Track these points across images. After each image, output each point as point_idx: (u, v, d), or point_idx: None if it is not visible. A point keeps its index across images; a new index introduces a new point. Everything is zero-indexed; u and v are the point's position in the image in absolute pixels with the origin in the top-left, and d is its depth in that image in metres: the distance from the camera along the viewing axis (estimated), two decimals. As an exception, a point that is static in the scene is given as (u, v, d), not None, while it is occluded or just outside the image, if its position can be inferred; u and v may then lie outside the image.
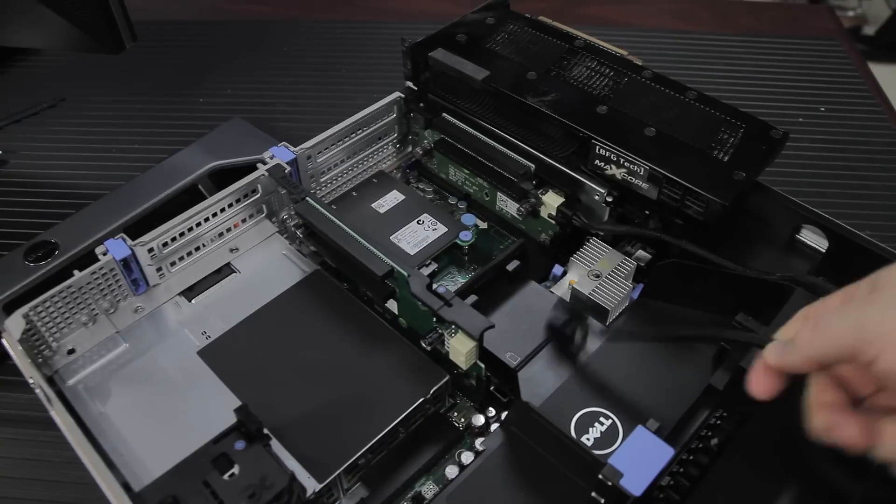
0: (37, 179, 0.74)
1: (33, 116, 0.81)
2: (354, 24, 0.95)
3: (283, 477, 0.38)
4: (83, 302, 0.49)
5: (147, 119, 0.80)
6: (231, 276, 0.54)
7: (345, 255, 0.49)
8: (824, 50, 0.88)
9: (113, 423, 0.45)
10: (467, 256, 0.58)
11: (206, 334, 0.50)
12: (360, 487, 0.45)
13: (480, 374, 0.46)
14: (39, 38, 0.68)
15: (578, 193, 0.54)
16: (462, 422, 0.48)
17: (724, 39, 0.90)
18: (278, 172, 0.54)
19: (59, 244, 0.57)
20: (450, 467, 0.45)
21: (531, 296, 0.50)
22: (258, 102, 0.82)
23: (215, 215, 0.54)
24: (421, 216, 0.59)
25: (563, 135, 0.52)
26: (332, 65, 0.88)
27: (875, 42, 2.00)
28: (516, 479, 0.41)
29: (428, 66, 0.59)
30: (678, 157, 0.48)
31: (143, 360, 0.49)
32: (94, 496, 0.41)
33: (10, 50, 0.89)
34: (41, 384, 0.43)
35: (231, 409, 0.40)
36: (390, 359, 0.48)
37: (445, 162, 0.62)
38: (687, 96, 0.52)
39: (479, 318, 0.44)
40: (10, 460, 0.52)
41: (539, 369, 0.45)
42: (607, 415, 0.43)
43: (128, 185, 0.64)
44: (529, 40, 0.59)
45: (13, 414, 0.54)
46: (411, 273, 0.46)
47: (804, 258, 0.50)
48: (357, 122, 0.59)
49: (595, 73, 0.55)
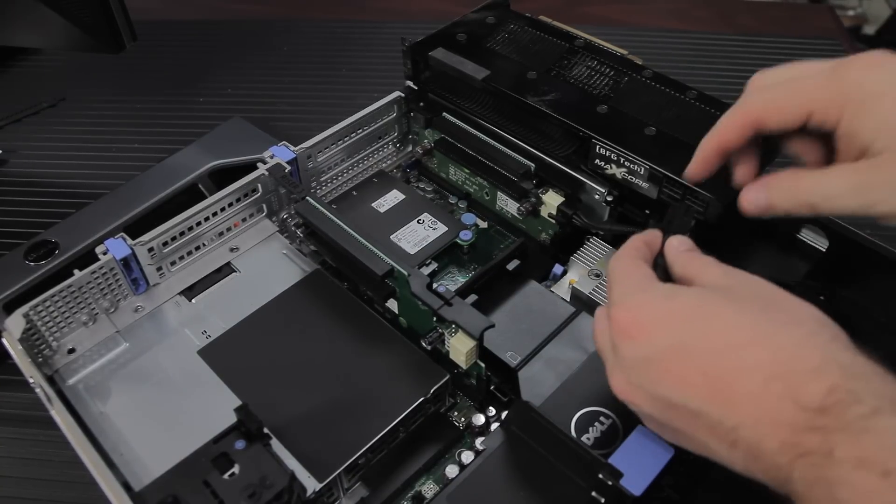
0: (37, 179, 0.74)
1: (33, 116, 0.81)
2: (354, 24, 0.95)
3: (284, 476, 0.38)
4: (83, 301, 0.49)
5: (147, 119, 0.80)
6: (231, 276, 0.54)
7: (345, 255, 0.49)
8: (824, 49, 0.88)
9: (113, 423, 0.45)
10: (467, 256, 0.58)
11: (207, 334, 0.50)
12: (360, 487, 0.45)
13: (480, 373, 0.46)
14: (39, 37, 0.68)
15: (579, 193, 0.54)
16: (462, 421, 0.48)
17: (724, 39, 0.90)
18: (278, 172, 0.54)
19: (60, 244, 0.57)
20: (450, 467, 0.45)
21: (531, 295, 0.50)
22: (258, 102, 0.82)
23: (215, 215, 0.54)
24: (421, 215, 0.59)
25: (564, 134, 0.52)
26: (332, 65, 0.88)
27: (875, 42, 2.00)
28: (516, 478, 0.41)
29: (428, 65, 0.59)
30: (678, 157, 0.48)
31: (144, 359, 0.49)
32: (94, 496, 0.41)
33: (10, 50, 0.89)
34: (41, 384, 0.43)
35: (231, 409, 0.40)
36: (390, 358, 0.48)
37: (445, 161, 0.62)
38: (687, 96, 0.52)
39: (480, 317, 0.44)
40: (10, 459, 0.52)
41: (539, 369, 0.45)
42: (607, 415, 0.43)
43: (128, 184, 0.64)
44: (530, 40, 0.59)
45: (13, 413, 0.54)
46: (411, 272, 0.46)
47: (804, 258, 0.50)
48: (357, 121, 0.59)
49: (595, 73, 0.55)
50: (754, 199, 0.36)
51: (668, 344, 0.32)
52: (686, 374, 0.31)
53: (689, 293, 0.34)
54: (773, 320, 0.31)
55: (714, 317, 0.32)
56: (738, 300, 0.32)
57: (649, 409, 0.34)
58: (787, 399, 0.28)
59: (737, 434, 0.30)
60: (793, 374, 0.29)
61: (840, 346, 0.30)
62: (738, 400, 0.30)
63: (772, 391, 0.29)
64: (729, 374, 0.30)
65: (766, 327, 0.31)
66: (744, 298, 0.32)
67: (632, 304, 0.34)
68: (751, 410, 0.29)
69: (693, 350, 0.31)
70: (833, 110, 0.33)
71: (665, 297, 0.34)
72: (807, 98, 0.34)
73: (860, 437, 0.27)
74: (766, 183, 0.36)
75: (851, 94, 0.33)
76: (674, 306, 0.33)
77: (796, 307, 0.32)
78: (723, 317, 0.32)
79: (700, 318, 0.32)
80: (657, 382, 0.33)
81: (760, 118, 0.36)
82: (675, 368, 0.32)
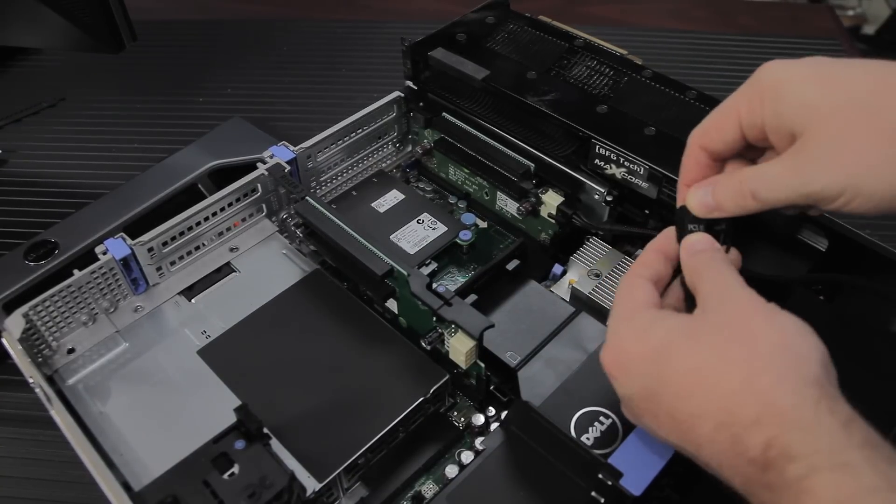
0: (37, 179, 0.74)
1: (33, 116, 0.81)
2: (354, 23, 0.95)
3: (283, 476, 0.38)
4: (83, 301, 0.49)
5: (147, 119, 0.80)
6: (231, 276, 0.54)
7: (345, 255, 0.49)
8: (824, 49, 0.88)
9: (113, 423, 0.45)
10: (467, 256, 0.58)
11: (206, 334, 0.50)
12: (360, 487, 0.45)
13: (480, 373, 0.46)
14: (39, 37, 0.68)
15: (578, 193, 0.54)
16: (462, 421, 0.48)
17: (724, 39, 0.90)
18: (278, 172, 0.54)
19: (59, 243, 0.57)
20: (450, 467, 0.45)
21: (531, 295, 0.50)
22: (258, 102, 0.82)
23: (215, 214, 0.54)
24: (421, 215, 0.59)
25: (563, 134, 0.52)
26: (332, 65, 0.88)
27: (875, 41, 2.00)
28: (516, 478, 0.41)
29: (428, 65, 0.59)
30: (678, 157, 0.48)
31: (143, 359, 0.49)
32: (94, 496, 0.41)
33: (10, 50, 0.89)
34: (41, 383, 0.43)
35: (231, 409, 0.40)
36: (390, 358, 0.48)
37: (445, 161, 0.62)
38: (687, 96, 0.52)
39: (479, 317, 0.44)
40: (10, 459, 0.52)
41: (539, 369, 0.45)
42: (607, 414, 0.43)
43: (128, 184, 0.64)
44: (529, 40, 0.59)
45: (13, 413, 0.54)
46: (411, 272, 0.45)
47: (804, 258, 0.50)
48: (357, 121, 0.59)
49: (595, 73, 0.55)
50: (702, 199, 0.36)
51: (640, 386, 0.34)
52: (657, 414, 0.33)
53: (660, 331, 0.34)
54: (728, 361, 0.31)
55: (675, 358, 0.32)
56: (702, 335, 0.32)
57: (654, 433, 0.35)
58: (734, 449, 0.29)
59: (710, 468, 0.31)
60: (735, 424, 0.29)
61: (789, 384, 0.29)
62: (701, 443, 0.31)
63: (722, 439, 0.30)
64: (688, 420, 0.31)
65: (718, 369, 0.31)
66: (709, 332, 0.32)
67: (612, 344, 0.35)
68: (713, 453, 0.30)
69: (659, 393, 0.32)
70: (756, 109, 0.34)
71: (637, 337, 0.34)
72: (732, 107, 0.35)
73: (801, 498, 0.27)
74: (711, 181, 0.37)
75: (765, 88, 0.34)
76: (643, 349, 0.34)
77: (761, 333, 0.31)
78: (682, 358, 0.32)
79: (664, 360, 0.32)
80: (641, 418, 0.35)
81: (703, 143, 0.37)
82: (649, 408, 0.33)
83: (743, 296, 0.33)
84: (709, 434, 0.30)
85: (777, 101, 0.33)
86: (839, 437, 0.27)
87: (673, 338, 0.33)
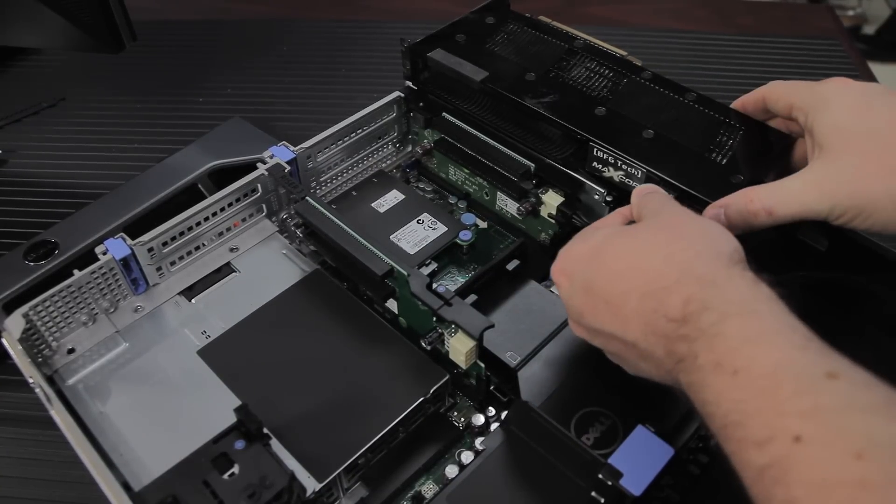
0: (37, 179, 0.74)
1: (33, 116, 0.81)
2: (354, 24, 0.95)
3: (283, 476, 0.38)
4: (83, 301, 0.49)
5: (147, 119, 0.80)
6: (231, 276, 0.54)
7: (345, 255, 0.49)
8: (824, 49, 0.88)
9: (113, 423, 0.45)
10: (467, 256, 0.58)
11: (206, 334, 0.50)
12: (360, 487, 0.45)
13: (480, 373, 0.46)
14: (39, 37, 0.68)
15: (578, 193, 0.54)
16: (462, 421, 0.48)
17: (724, 39, 0.90)
18: (278, 172, 0.54)
19: (59, 243, 0.57)
20: (450, 467, 0.45)
21: (531, 295, 0.50)
22: (258, 102, 0.82)
23: (215, 215, 0.54)
24: (421, 215, 0.59)
25: (562, 137, 0.52)
26: (332, 65, 0.88)
27: (875, 41, 2.00)
28: (516, 478, 0.41)
29: (427, 66, 0.59)
30: (676, 160, 0.48)
31: (143, 359, 0.49)
32: (94, 496, 0.41)
33: (10, 50, 0.89)
34: (41, 384, 0.43)
35: (231, 409, 0.40)
36: (390, 358, 0.48)
37: (445, 161, 0.62)
38: (686, 98, 0.52)
39: (479, 317, 0.44)
40: (9, 460, 0.52)
41: (539, 369, 0.45)
42: (607, 415, 0.43)
43: (128, 184, 0.64)
44: (529, 41, 0.59)
45: (13, 413, 0.54)
46: (411, 272, 0.46)
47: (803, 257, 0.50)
48: (357, 121, 0.59)
49: (594, 74, 0.55)
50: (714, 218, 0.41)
51: (580, 281, 0.38)
52: (595, 304, 0.37)
53: (600, 233, 0.39)
54: (655, 244, 0.35)
55: (610, 250, 0.37)
56: (639, 231, 0.37)
57: (593, 341, 0.39)
58: (658, 313, 0.33)
59: (638, 347, 0.34)
60: (659, 290, 0.33)
61: (705, 257, 0.33)
62: (629, 318, 0.34)
63: (647, 307, 0.33)
64: (618, 298, 0.35)
65: (645, 251, 0.35)
66: (647, 229, 0.37)
67: (561, 254, 0.40)
68: (639, 325, 0.34)
69: (595, 283, 0.37)
70: (805, 107, 0.41)
71: (581, 240, 0.39)
72: (793, 91, 0.43)
73: (713, 341, 0.30)
74: (722, 203, 0.41)
75: (817, 98, 0.41)
76: (584, 248, 0.39)
77: (685, 225, 0.36)
78: (616, 249, 0.37)
79: (601, 254, 0.37)
80: (582, 316, 0.38)
81: (764, 96, 0.46)
82: (588, 301, 0.37)
83: (678, 208, 0.39)
84: (636, 306, 0.34)
85: (821, 114, 0.40)
86: (749, 292, 0.32)
87: (611, 235, 0.38)
